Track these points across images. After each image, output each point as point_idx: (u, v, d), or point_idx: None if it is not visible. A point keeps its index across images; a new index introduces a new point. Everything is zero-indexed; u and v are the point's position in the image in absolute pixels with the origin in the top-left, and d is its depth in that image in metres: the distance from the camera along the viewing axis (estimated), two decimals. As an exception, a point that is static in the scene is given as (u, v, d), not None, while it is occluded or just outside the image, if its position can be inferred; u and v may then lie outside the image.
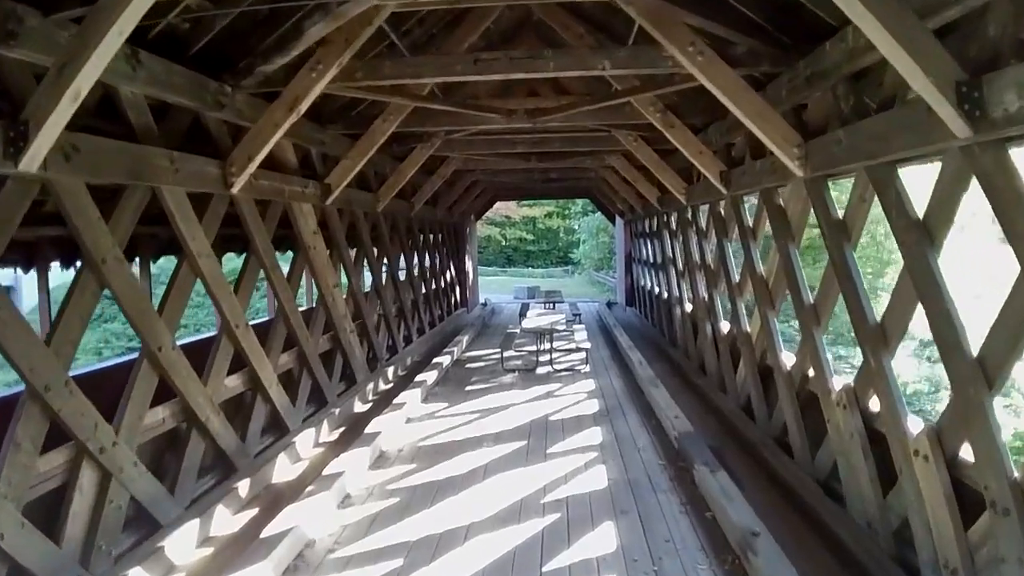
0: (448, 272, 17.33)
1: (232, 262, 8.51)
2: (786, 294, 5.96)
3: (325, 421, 7.70)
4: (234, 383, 6.03)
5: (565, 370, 11.07)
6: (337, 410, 8.10)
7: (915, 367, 20.21)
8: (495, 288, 32.32)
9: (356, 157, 7.66)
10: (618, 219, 19.75)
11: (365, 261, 10.09)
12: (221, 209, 5.61)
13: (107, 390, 4.44)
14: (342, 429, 7.90)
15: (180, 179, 4.85)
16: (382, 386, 9.97)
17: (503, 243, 47.84)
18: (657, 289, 14.25)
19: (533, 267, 47.07)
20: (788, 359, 6.01)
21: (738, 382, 7.63)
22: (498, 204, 47.14)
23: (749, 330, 7.18)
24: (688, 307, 10.83)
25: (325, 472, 5.86)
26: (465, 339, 13.69)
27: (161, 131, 4.80)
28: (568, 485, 5.89)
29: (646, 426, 7.70)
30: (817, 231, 5.23)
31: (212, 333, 6.76)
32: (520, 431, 7.57)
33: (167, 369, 4.80)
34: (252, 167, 5.48)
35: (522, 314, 15.56)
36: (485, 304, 21.17)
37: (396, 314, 11.91)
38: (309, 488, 5.48)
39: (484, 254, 48.58)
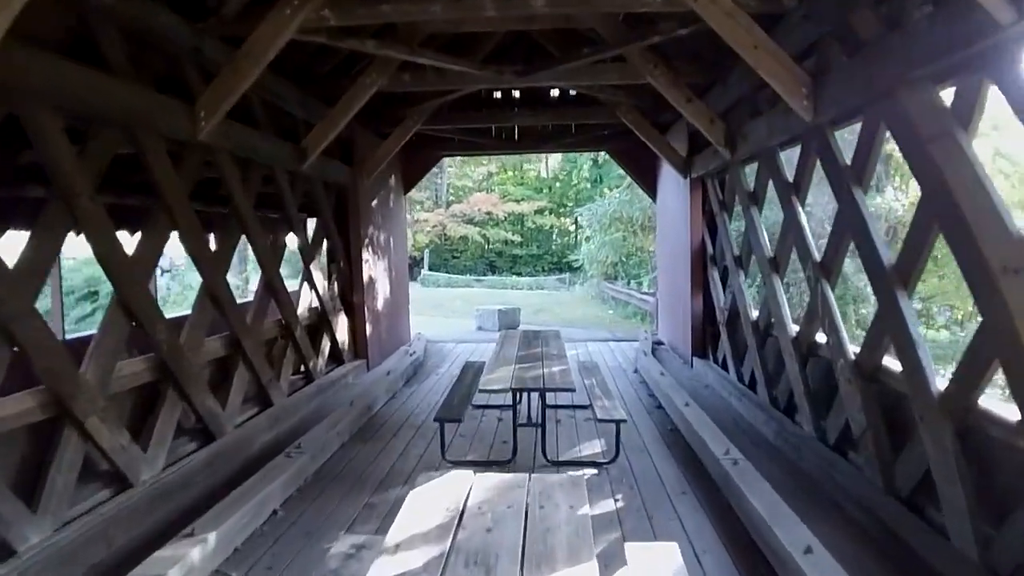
0: (310, 294, 7.83)
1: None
2: None
3: None
4: None
5: None
6: None
7: None
8: (460, 308, 22.47)
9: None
10: (671, 182, 10.14)
11: None
12: None
13: None
14: None
15: None
16: None
17: (485, 246, 38.77)
18: (852, 353, 4.62)
19: (520, 275, 37.65)
20: None
21: None
22: (476, 198, 37.68)
23: None
24: None
25: None
26: None
27: None
28: None
29: None
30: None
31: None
32: None
33: None
34: None
35: (456, 405, 5.83)
36: (411, 351, 10.94)
37: None
38: None
39: (461, 259, 39.28)
